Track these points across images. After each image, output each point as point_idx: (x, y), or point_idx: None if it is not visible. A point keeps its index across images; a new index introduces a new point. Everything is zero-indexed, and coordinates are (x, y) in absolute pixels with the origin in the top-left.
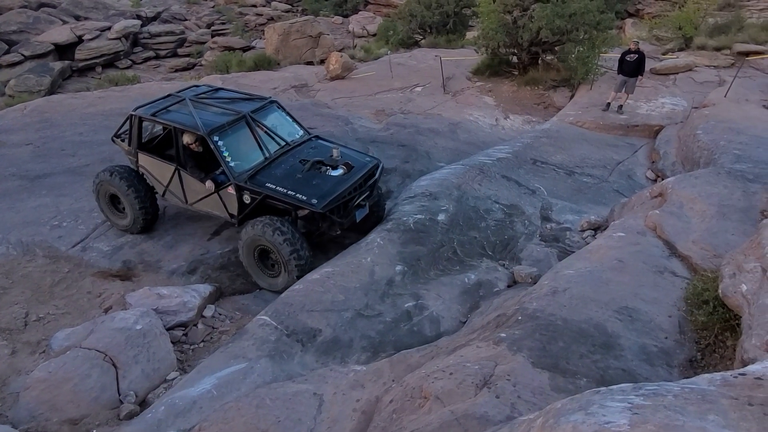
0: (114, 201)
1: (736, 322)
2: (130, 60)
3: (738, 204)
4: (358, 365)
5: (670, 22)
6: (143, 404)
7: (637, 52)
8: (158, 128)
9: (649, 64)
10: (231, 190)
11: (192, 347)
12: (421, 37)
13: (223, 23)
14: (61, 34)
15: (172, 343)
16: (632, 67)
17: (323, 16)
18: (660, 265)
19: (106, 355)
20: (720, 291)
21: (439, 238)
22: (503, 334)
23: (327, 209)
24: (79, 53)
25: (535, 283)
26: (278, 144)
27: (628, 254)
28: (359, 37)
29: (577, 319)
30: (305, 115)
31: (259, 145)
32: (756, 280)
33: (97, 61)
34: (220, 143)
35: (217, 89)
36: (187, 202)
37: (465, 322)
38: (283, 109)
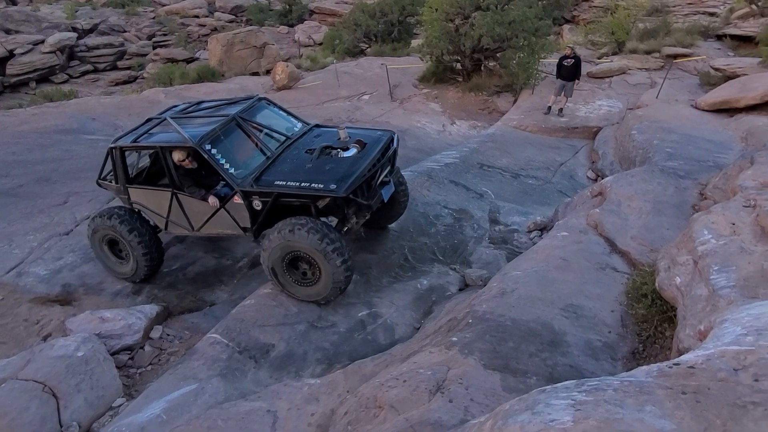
0: (113, 246)
1: (673, 313)
2: (67, 74)
3: (671, 200)
4: (312, 378)
5: (604, 27)
6: None
7: (574, 56)
8: (144, 160)
9: (585, 68)
10: (238, 199)
11: (139, 371)
12: (367, 46)
13: (165, 34)
14: None
15: (118, 368)
16: (569, 71)
17: (268, 26)
18: (602, 261)
19: (46, 386)
20: (657, 284)
21: (389, 245)
22: (455, 338)
23: (349, 192)
24: (11, 68)
25: (485, 286)
26: (278, 140)
27: (572, 253)
28: (305, 46)
29: (526, 318)
30: None
31: (257, 145)
32: (688, 273)
33: (30, 76)
34: (213, 151)
35: (199, 102)
36: (193, 228)
37: (419, 328)
38: (274, 105)
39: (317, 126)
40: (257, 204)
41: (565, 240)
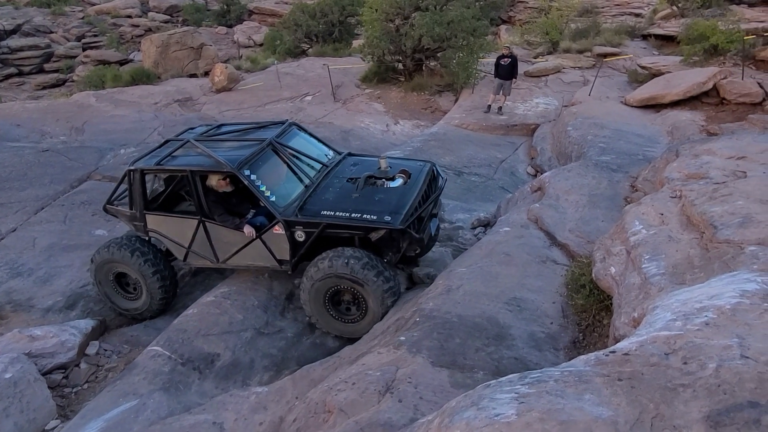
0: (120, 281)
1: (610, 302)
2: None
3: (605, 193)
4: (260, 386)
5: (538, 28)
6: None
7: (510, 56)
8: (157, 185)
9: (522, 68)
10: (279, 229)
11: (74, 390)
12: (308, 46)
13: (96, 35)
14: None
15: (51, 388)
16: (507, 70)
17: (206, 27)
18: (542, 255)
19: None
20: (593, 275)
21: None
22: (403, 338)
23: (407, 224)
24: None
25: (432, 283)
26: (314, 168)
27: (514, 247)
28: (245, 47)
29: (471, 314)
30: None
31: (295, 173)
32: (622, 262)
33: None
34: (253, 177)
35: (219, 125)
36: (218, 260)
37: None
38: (305, 131)
39: (350, 155)
40: (300, 235)
41: (508, 235)
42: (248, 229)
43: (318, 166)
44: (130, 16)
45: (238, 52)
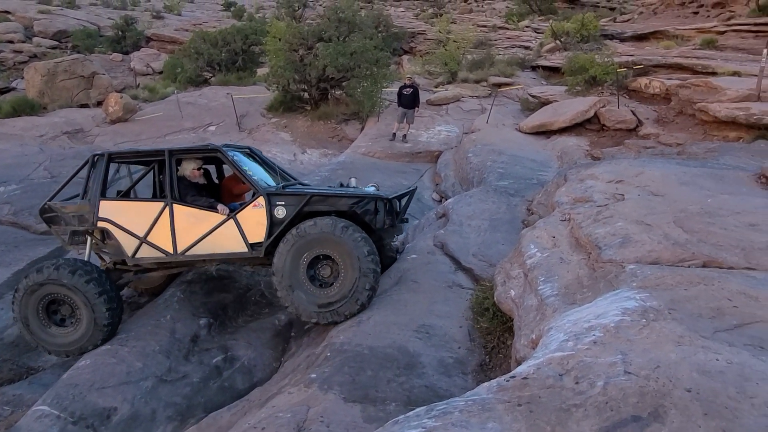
0: (50, 311)
1: (512, 323)
2: None
3: (505, 217)
4: None
5: (437, 58)
6: None
7: (412, 86)
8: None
9: (424, 96)
10: (257, 205)
11: None
12: (211, 75)
13: None
14: None
15: None
16: (409, 99)
17: (99, 53)
18: (449, 280)
19: None
20: (495, 298)
21: (244, 282)
22: (314, 375)
23: (389, 197)
24: None
25: None
26: (285, 178)
27: (422, 274)
28: (143, 75)
29: (382, 344)
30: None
31: (270, 174)
32: (521, 285)
33: None
34: (236, 158)
35: None
36: (176, 251)
37: (278, 367)
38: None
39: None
40: (280, 212)
41: (415, 262)
42: (222, 207)
43: (291, 180)
44: (12, 42)
45: (135, 81)
